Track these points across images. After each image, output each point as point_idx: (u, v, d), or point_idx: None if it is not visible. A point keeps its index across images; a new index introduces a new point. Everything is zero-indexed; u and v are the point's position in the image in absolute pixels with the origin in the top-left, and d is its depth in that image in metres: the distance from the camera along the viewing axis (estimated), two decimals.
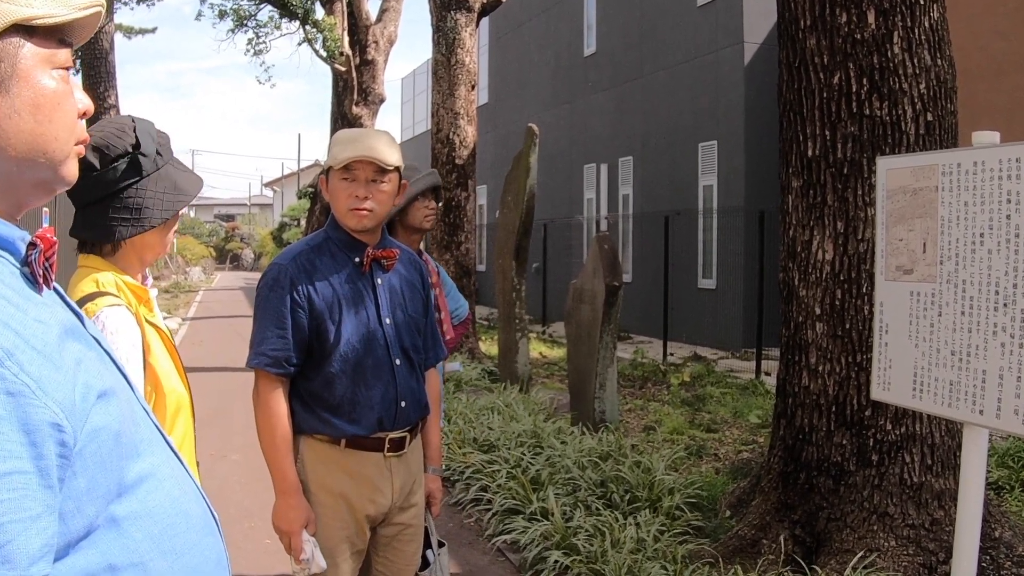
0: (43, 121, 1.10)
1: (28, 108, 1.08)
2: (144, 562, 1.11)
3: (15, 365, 0.94)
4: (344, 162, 2.59)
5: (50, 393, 0.97)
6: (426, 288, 2.89)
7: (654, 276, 14.86)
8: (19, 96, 1.07)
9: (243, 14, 21.26)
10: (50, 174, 1.14)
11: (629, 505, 5.26)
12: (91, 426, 1.03)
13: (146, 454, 1.16)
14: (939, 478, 4.23)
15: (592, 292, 7.32)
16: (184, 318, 20.17)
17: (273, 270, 2.61)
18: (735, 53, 13.97)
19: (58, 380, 0.99)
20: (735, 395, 9.54)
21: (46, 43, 1.10)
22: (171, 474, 1.21)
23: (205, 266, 43.46)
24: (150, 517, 1.14)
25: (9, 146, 1.07)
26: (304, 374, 2.61)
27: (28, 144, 1.09)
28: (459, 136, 11.94)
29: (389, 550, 2.79)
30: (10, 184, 1.10)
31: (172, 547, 1.16)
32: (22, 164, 1.09)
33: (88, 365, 1.06)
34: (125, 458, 1.11)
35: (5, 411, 0.92)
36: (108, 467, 1.06)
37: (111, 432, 1.07)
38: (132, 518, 1.10)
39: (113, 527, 1.07)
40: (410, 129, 33.82)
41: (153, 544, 1.13)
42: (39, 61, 1.09)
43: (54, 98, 1.11)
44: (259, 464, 2.62)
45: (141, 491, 1.13)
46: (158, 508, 1.15)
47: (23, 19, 1.05)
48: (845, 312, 4.34)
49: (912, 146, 4.23)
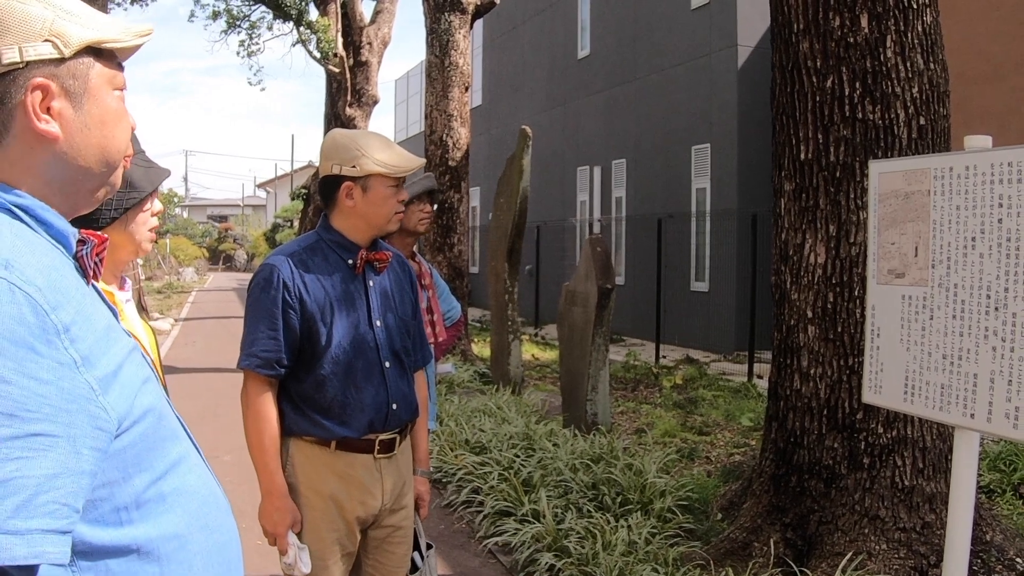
0: (108, 135, 1.25)
1: (96, 123, 1.23)
2: (185, 535, 1.24)
3: (66, 340, 1.07)
4: (404, 173, 2.65)
5: (92, 370, 1.09)
6: (415, 290, 2.89)
7: (647, 279, 14.87)
8: (90, 112, 1.22)
9: (236, 15, 21.24)
10: (105, 182, 1.29)
11: (621, 507, 5.25)
12: (140, 407, 1.17)
13: (180, 438, 1.30)
14: (930, 481, 4.23)
15: (585, 294, 7.32)
16: (177, 319, 20.14)
17: (265, 270, 2.59)
18: (729, 56, 13.98)
19: (101, 361, 1.11)
20: (727, 398, 9.55)
21: (109, 65, 1.26)
22: (197, 459, 1.35)
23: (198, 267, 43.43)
24: (189, 495, 1.27)
25: (80, 156, 1.22)
26: (295, 376, 2.60)
27: (94, 156, 1.24)
28: (452, 138, 11.94)
29: (379, 552, 2.78)
30: (73, 190, 1.25)
31: (206, 523, 1.30)
32: (86, 173, 1.24)
33: (132, 356, 1.20)
34: (167, 439, 1.25)
35: (34, 374, 1.02)
36: (153, 445, 1.20)
37: (156, 413, 1.22)
38: (175, 494, 1.24)
39: (161, 502, 1.20)
40: (404, 131, 33.80)
41: (193, 520, 1.26)
42: (105, 81, 1.24)
43: (116, 115, 1.27)
44: (250, 464, 2.62)
45: (181, 470, 1.27)
46: (194, 487, 1.29)
47: (95, 41, 1.21)
48: (837, 315, 4.34)
49: (905, 150, 4.24)
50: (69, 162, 1.21)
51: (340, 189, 2.63)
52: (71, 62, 1.19)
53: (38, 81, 1.16)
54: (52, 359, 1.03)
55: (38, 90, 1.16)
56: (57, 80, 1.18)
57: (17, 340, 1.00)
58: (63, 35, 1.17)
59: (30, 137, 1.17)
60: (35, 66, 1.16)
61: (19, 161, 1.18)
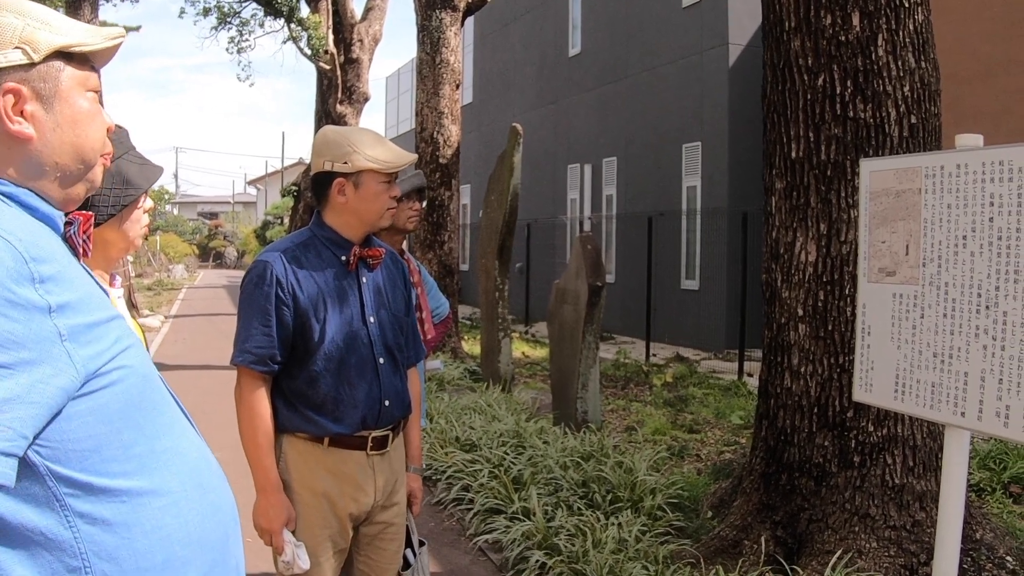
0: (81, 135, 1.34)
1: (68, 123, 1.32)
2: (178, 491, 1.32)
3: (40, 287, 1.17)
4: (396, 168, 2.64)
5: (65, 320, 1.19)
6: (408, 287, 2.88)
7: (637, 277, 14.89)
8: (61, 113, 1.31)
9: (226, 11, 21.18)
10: (83, 178, 1.37)
11: (611, 505, 5.26)
12: (119, 364, 1.26)
13: (171, 407, 1.40)
14: (921, 480, 4.24)
15: (575, 292, 7.31)
16: (167, 316, 20.07)
17: (258, 266, 2.58)
18: (720, 54, 14.00)
19: (76, 316, 1.21)
20: (717, 396, 9.56)
21: (81, 68, 1.34)
22: (189, 428, 1.44)
23: (188, 264, 43.32)
24: (182, 456, 1.36)
25: (55, 154, 1.31)
26: (288, 372, 2.59)
27: (69, 154, 1.33)
28: (443, 135, 11.92)
29: (371, 549, 2.77)
30: (53, 187, 1.33)
31: (200, 483, 1.38)
32: (63, 170, 1.33)
33: (115, 323, 1.29)
34: (157, 404, 1.35)
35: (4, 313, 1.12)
36: (141, 405, 1.30)
37: (140, 375, 1.31)
38: (168, 453, 1.33)
39: (153, 458, 1.30)
40: (394, 128, 33.75)
41: (187, 479, 1.35)
42: (76, 83, 1.33)
43: (88, 115, 1.35)
44: (242, 462, 2.60)
45: (174, 432, 1.37)
46: (186, 450, 1.38)
47: (64, 46, 1.30)
48: (828, 314, 4.35)
49: (896, 148, 4.24)
50: (45, 160, 1.30)
51: (332, 185, 2.62)
52: (41, 66, 1.28)
53: (9, 86, 1.25)
54: (25, 300, 1.13)
55: (10, 94, 1.25)
56: (28, 84, 1.27)
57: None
58: (32, 42, 1.26)
59: (5, 138, 1.26)
60: (6, 72, 1.25)
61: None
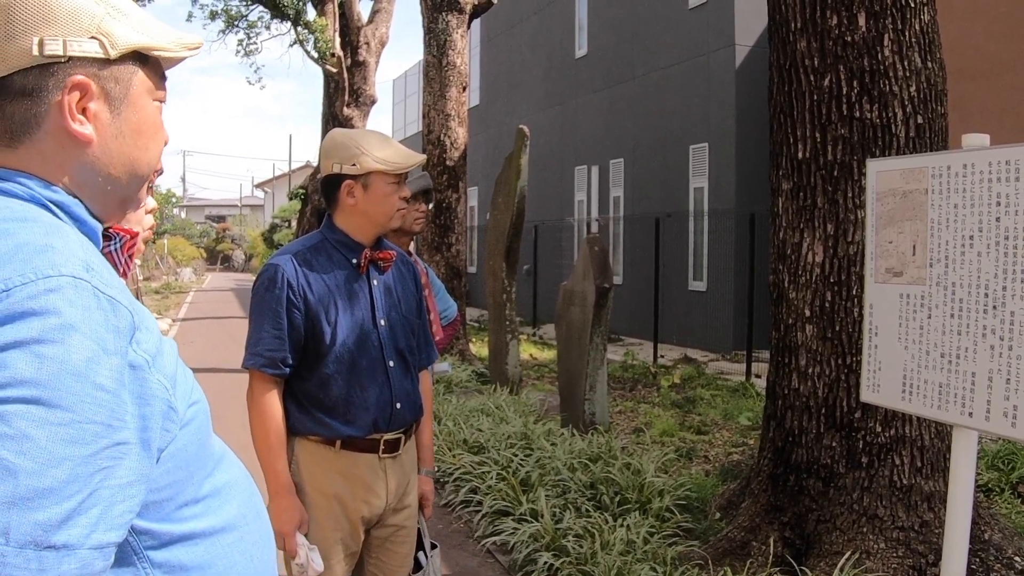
0: (142, 147, 1.19)
1: (132, 132, 1.17)
2: (242, 525, 1.24)
3: (136, 342, 1.03)
4: (404, 169, 2.65)
5: (161, 369, 1.07)
6: (419, 289, 2.89)
7: (645, 278, 14.87)
8: (127, 120, 1.16)
9: (234, 15, 21.25)
10: (131, 194, 1.22)
11: (619, 507, 5.26)
12: (195, 399, 1.16)
13: (211, 431, 1.29)
14: (929, 480, 4.24)
15: (582, 294, 7.32)
16: (175, 319, 20.12)
17: (269, 270, 2.59)
18: (726, 55, 13.99)
19: (163, 359, 1.09)
20: (725, 397, 9.55)
21: (153, 75, 1.20)
22: (227, 448, 1.34)
23: (196, 267, 43.43)
24: (237, 486, 1.27)
25: (111, 164, 1.15)
26: (299, 375, 2.60)
27: (125, 166, 1.17)
28: (450, 137, 11.93)
29: (382, 552, 2.78)
30: (101, 199, 1.17)
31: (256, 511, 1.30)
32: (115, 183, 1.17)
33: (173, 347, 1.17)
34: (211, 434, 1.24)
35: (124, 382, 0.98)
36: (204, 440, 1.19)
37: (203, 407, 1.19)
38: (228, 487, 1.23)
39: (217, 496, 1.20)
40: (402, 130, 33.78)
41: (246, 509, 1.27)
42: (146, 90, 1.18)
43: (153, 127, 1.20)
44: (253, 465, 2.61)
45: (225, 463, 1.26)
46: (238, 479, 1.29)
47: (144, 47, 1.15)
48: (835, 314, 4.35)
49: (902, 148, 4.24)
50: (99, 168, 1.14)
51: (341, 188, 2.64)
52: (115, 65, 1.13)
53: (78, 79, 1.09)
54: (132, 363, 1.01)
55: (77, 89, 1.09)
56: (98, 81, 1.11)
57: (109, 348, 0.97)
58: (112, 35, 1.11)
59: (63, 136, 1.10)
60: (77, 63, 1.09)
61: (52, 158, 1.11)
